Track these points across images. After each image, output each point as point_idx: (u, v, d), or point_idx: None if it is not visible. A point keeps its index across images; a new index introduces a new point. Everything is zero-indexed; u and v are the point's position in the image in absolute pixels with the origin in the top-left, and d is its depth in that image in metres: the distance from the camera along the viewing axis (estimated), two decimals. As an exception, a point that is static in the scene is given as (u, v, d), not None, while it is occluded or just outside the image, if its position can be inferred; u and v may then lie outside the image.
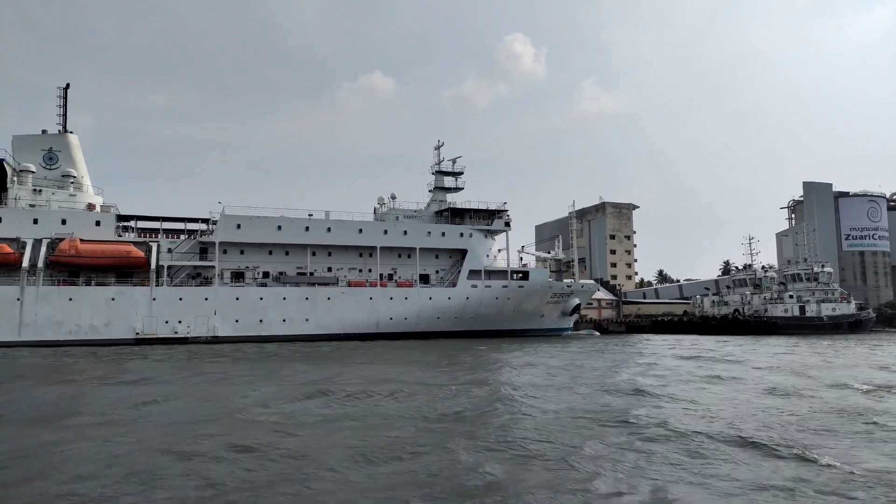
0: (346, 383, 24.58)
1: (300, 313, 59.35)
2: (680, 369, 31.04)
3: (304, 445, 13.98)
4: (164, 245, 57.52)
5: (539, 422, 16.56)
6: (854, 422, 16.81)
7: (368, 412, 18.25)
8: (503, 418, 17.18)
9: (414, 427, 16.03)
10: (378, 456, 12.92)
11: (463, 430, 15.52)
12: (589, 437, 14.65)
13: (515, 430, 15.52)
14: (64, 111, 60.07)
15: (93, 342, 51.91)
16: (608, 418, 17.05)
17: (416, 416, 17.61)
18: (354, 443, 14.13)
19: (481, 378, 26.92)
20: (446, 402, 20.03)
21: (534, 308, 70.20)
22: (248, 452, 13.33)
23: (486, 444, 13.92)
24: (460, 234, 67.19)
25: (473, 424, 16.33)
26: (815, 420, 16.95)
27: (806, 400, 20.58)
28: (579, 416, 17.39)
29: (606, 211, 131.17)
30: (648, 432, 15.13)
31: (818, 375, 27.90)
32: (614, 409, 18.65)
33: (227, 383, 25.65)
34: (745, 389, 23.23)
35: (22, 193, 54.62)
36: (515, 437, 14.58)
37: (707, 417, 17.33)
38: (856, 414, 17.92)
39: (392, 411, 18.39)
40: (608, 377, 27.18)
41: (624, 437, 14.78)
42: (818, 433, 15.30)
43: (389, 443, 14.17)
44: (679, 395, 21.76)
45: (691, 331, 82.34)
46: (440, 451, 13.26)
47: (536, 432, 15.15)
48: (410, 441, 14.29)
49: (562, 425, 16.10)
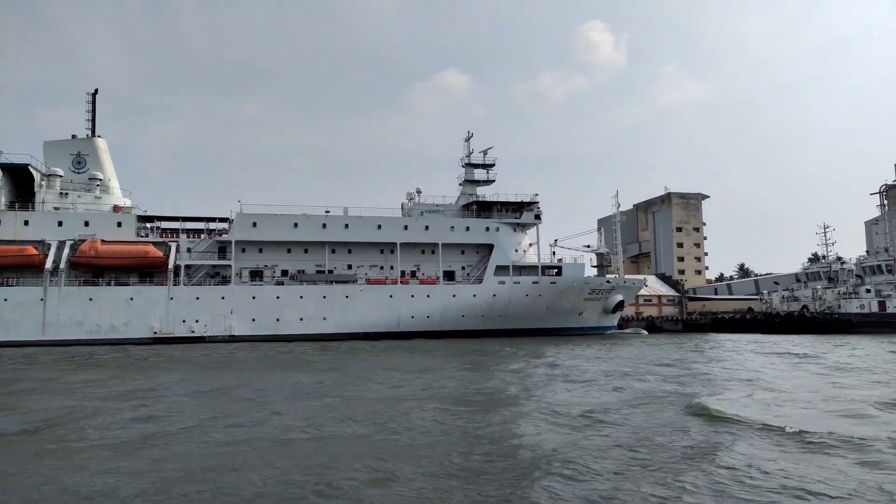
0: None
1: (318, 312, 58.16)
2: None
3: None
4: (184, 245, 57.86)
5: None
6: None
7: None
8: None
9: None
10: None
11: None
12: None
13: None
14: (92, 116, 61.77)
15: (112, 342, 52.70)
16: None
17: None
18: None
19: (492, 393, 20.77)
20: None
21: (570, 305, 65.96)
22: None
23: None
24: (486, 229, 64.00)
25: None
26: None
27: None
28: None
29: (672, 202, 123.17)
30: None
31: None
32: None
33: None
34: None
35: (49, 197, 56.34)
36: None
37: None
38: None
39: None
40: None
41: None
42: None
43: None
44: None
45: (754, 329, 75.22)
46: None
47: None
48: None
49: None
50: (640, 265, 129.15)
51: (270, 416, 16.55)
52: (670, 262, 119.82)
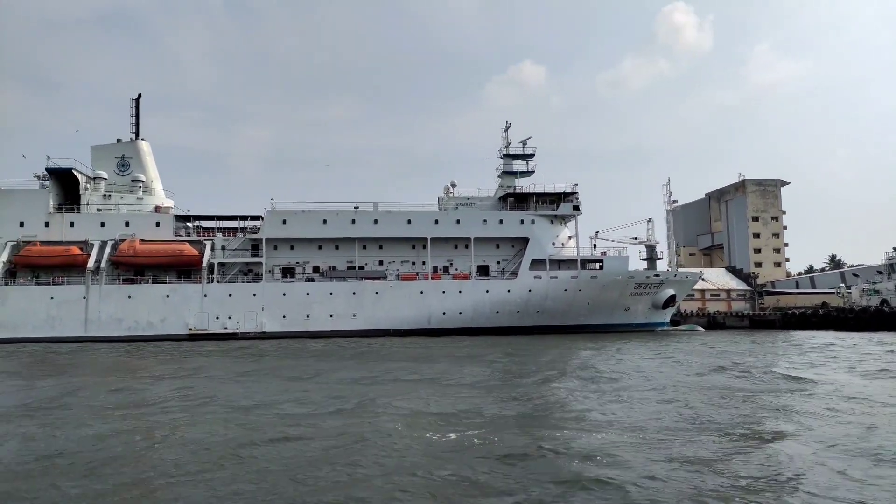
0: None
1: (347, 308, 57.78)
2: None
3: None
4: (219, 243, 58.97)
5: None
6: None
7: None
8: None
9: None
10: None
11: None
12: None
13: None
14: (136, 120, 64.03)
15: (149, 338, 54.41)
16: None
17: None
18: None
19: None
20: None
21: (615, 301, 62.40)
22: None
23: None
24: (520, 221, 61.51)
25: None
26: None
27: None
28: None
29: (747, 189, 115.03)
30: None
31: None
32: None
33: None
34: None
35: (93, 199, 58.85)
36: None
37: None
38: None
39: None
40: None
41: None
42: None
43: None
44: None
45: (827, 326, 68.70)
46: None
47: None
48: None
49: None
50: (714, 257, 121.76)
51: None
52: (745, 253, 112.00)
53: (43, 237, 56.31)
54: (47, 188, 57.59)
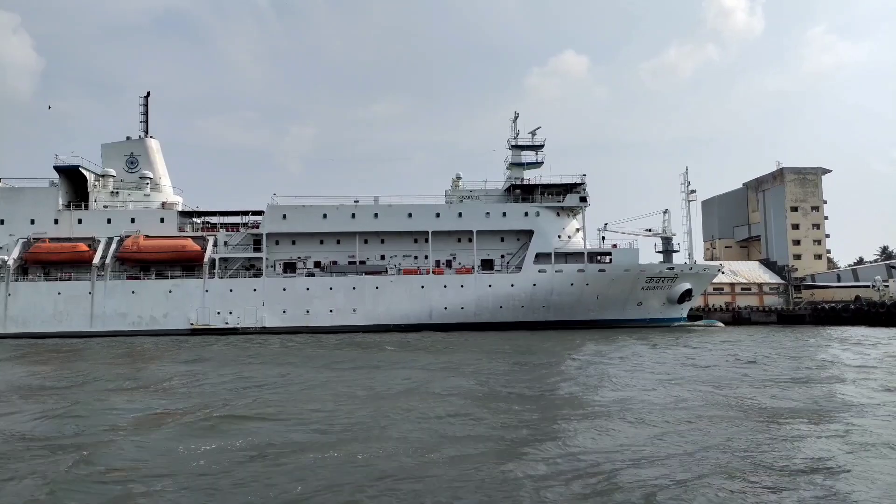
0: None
1: (347, 304, 57.24)
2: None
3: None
4: (222, 238, 59.22)
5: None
6: None
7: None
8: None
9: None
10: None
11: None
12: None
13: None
14: (146, 118, 64.95)
15: (153, 332, 55.06)
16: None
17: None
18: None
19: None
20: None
21: (626, 295, 60.05)
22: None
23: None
24: (525, 214, 59.72)
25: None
26: None
27: None
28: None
29: (785, 178, 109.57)
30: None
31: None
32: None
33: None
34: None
35: (101, 196, 59.89)
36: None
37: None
38: None
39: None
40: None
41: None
42: None
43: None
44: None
45: (858, 322, 64.67)
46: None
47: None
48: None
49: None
50: (751, 250, 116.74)
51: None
52: (783, 245, 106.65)
53: (52, 234, 57.57)
54: (57, 186, 58.84)
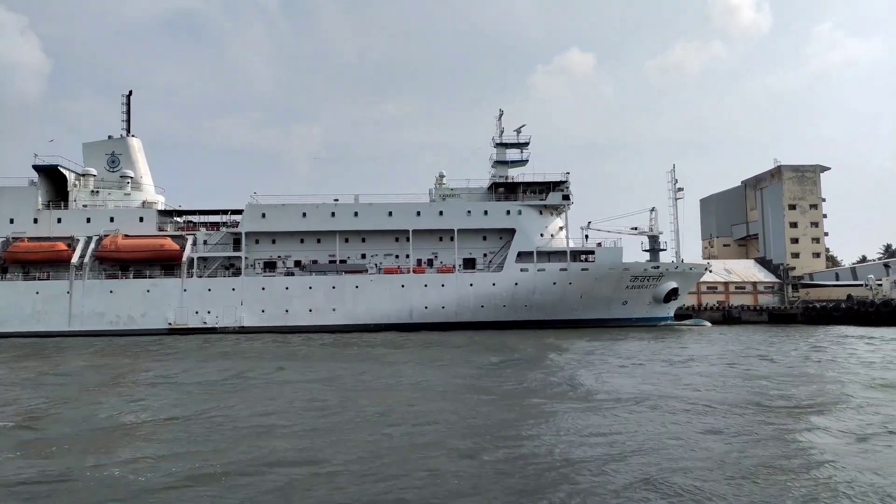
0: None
1: (327, 303, 56.72)
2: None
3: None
4: (201, 237, 58.81)
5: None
6: None
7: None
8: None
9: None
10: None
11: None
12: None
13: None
14: (128, 117, 64.62)
15: (130, 332, 54.64)
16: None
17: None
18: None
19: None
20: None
21: (610, 294, 59.24)
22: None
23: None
24: (506, 212, 59.00)
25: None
26: None
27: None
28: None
29: (783, 176, 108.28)
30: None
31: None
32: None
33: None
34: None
35: (81, 195, 59.60)
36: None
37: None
38: None
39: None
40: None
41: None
42: None
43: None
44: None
45: (849, 321, 63.59)
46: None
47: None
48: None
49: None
50: (749, 248, 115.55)
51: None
52: (781, 244, 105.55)
53: (32, 233, 57.33)
54: (36, 185, 58.60)
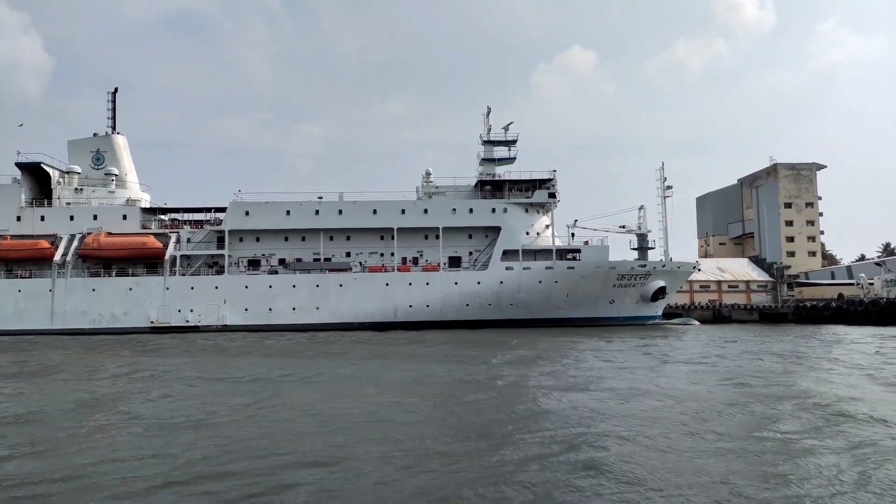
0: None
1: (310, 301, 56.33)
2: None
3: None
4: (185, 235, 58.45)
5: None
6: None
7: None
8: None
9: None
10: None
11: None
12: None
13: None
14: (113, 114, 64.28)
15: (113, 331, 54.34)
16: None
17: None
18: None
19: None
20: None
21: (597, 293, 58.75)
22: None
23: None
24: (492, 210, 58.53)
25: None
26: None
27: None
28: None
29: (779, 174, 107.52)
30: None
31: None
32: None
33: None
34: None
35: (65, 193, 59.27)
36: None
37: None
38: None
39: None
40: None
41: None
42: None
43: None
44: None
45: (839, 320, 63.03)
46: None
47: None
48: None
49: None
50: (745, 247, 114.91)
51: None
52: (777, 242, 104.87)
53: (14, 231, 57.00)
54: (19, 183, 58.29)
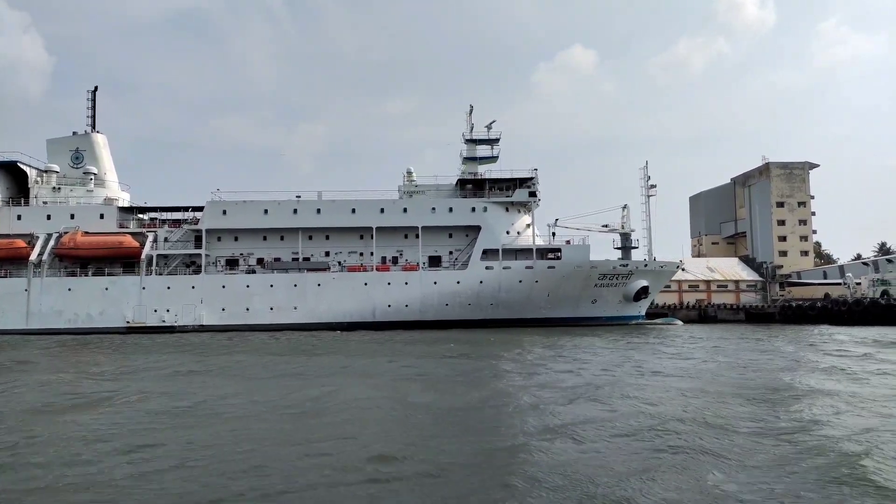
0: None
1: (288, 301, 55.85)
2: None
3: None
4: (162, 234, 58.00)
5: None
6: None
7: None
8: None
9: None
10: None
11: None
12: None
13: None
14: (93, 113, 63.85)
15: (88, 331, 53.88)
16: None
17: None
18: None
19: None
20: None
21: (578, 292, 58.20)
22: None
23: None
24: (472, 209, 57.98)
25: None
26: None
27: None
28: None
29: (771, 173, 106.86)
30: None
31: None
32: None
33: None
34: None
35: (42, 192, 58.83)
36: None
37: None
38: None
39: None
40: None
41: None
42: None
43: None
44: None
45: (824, 320, 62.41)
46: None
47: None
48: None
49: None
50: (738, 246, 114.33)
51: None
52: (769, 241, 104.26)
53: (-9, 230, 56.63)
54: (-4, 182, 57.93)
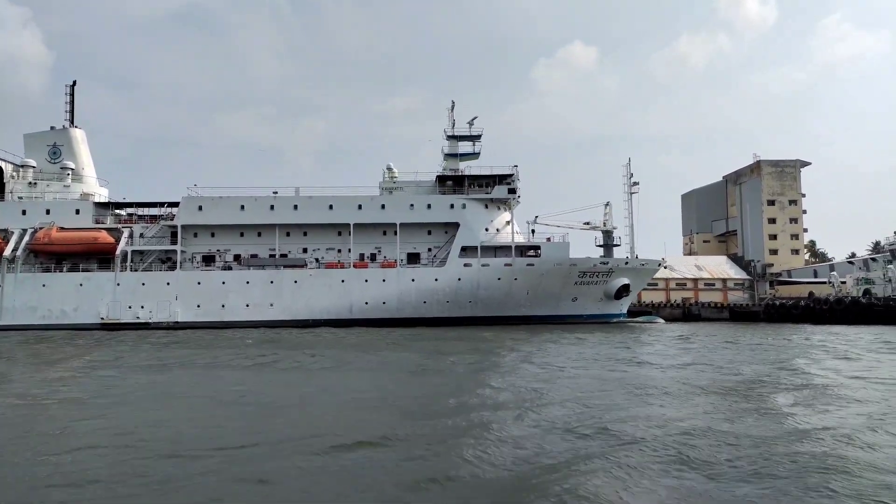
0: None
1: (264, 298, 55.37)
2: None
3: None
4: (138, 230, 57.53)
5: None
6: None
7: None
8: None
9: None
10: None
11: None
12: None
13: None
14: (71, 107, 63.29)
15: (62, 326, 53.45)
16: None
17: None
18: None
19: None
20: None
21: (558, 290, 57.68)
22: None
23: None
24: (450, 206, 57.45)
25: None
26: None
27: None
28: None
29: (763, 171, 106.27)
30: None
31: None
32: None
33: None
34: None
35: (18, 187, 58.33)
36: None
37: None
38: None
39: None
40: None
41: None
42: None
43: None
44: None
45: (807, 319, 61.86)
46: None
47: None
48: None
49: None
50: (729, 244, 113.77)
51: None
52: (759, 240, 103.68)
53: (-35, 226, 56.15)
54: (-30, 177, 57.44)
